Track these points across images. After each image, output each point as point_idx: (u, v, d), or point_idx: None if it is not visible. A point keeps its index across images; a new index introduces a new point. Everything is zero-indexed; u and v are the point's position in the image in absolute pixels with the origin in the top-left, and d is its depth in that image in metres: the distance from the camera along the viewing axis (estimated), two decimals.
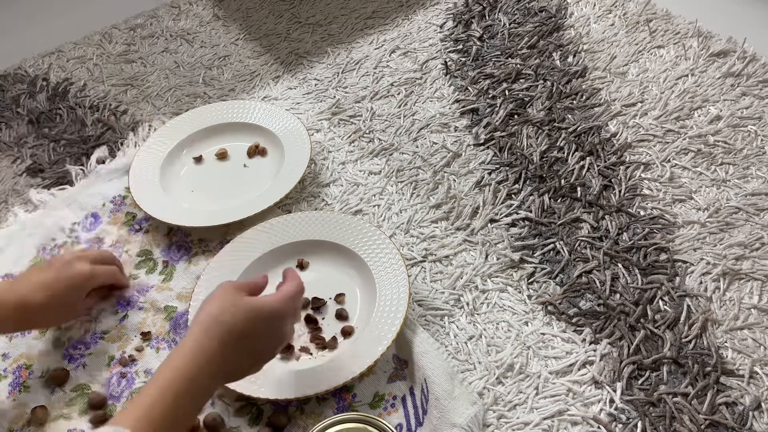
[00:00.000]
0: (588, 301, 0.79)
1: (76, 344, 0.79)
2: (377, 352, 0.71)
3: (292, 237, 0.85)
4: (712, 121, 0.97)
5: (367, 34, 1.20)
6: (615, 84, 1.05)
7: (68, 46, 1.24)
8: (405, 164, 0.97)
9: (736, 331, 0.75)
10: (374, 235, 0.83)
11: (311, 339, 0.76)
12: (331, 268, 0.83)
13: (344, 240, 0.83)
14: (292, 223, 0.86)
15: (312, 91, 1.11)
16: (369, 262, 0.80)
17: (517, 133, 0.99)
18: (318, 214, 0.87)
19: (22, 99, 1.14)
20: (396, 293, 0.77)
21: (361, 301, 0.79)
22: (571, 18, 1.18)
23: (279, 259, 0.84)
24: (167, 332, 0.80)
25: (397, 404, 0.71)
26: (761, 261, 0.81)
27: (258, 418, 0.71)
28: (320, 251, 0.84)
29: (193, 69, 1.18)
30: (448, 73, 1.11)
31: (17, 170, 1.03)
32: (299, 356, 0.75)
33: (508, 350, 0.75)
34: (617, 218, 0.87)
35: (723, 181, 0.90)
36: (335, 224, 0.85)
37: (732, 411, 0.69)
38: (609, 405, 0.70)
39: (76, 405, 0.74)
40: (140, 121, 1.08)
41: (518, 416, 0.70)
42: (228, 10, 1.30)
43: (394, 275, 0.78)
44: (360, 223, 0.84)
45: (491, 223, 0.88)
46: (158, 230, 0.91)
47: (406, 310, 0.75)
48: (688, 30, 1.11)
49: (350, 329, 0.77)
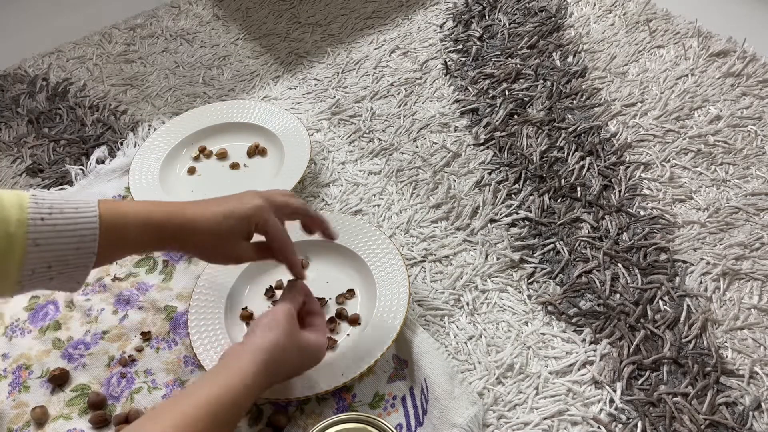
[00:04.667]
0: (588, 301, 0.79)
1: (76, 344, 0.79)
2: (377, 352, 0.71)
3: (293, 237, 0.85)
4: (712, 121, 0.97)
5: (367, 34, 1.20)
6: (615, 84, 1.05)
7: (68, 46, 1.24)
8: (405, 164, 0.97)
9: (736, 331, 0.75)
10: (374, 235, 0.83)
11: None
12: (331, 268, 0.83)
13: (344, 240, 0.83)
14: (291, 223, 0.86)
15: (312, 91, 1.11)
16: (369, 262, 0.80)
17: (517, 133, 0.99)
18: None
19: (21, 99, 1.14)
20: (396, 293, 0.77)
21: (361, 301, 0.79)
22: (571, 18, 1.18)
23: None
24: (167, 332, 0.80)
25: (397, 404, 0.71)
26: (761, 261, 0.81)
27: (258, 418, 0.71)
28: (320, 251, 0.84)
29: (192, 69, 1.18)
30: (448, 73, 1.11)
31: (17, 170, 1.03)
32: None
33: (508, 350, 0.75)
34: (617, 218, 0.87)
35: (723, 181, 0.90)
36: (335, 224, 0.85)
37: (732, 411, 0.69)
38: (609, 405, 0.70)
39: (76, 405, 0.74)
40: (140, 121, 1.08)
41: (518, 416, 0.70)
42: (228, 10, 1.30)
43: (394, 275, 0.78)
44: (360, 223, 0.84)
45: (491, 223, 0.88)
46: None
47: (406, 310, 0.75)
48: (688, 30, 1.11)
49: (356, 317, 0.77)
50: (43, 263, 0.55)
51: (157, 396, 0.74)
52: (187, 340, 0.78)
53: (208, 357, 0.74)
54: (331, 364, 0.72)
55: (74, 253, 0.56)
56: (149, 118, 1.08)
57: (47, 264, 0.55)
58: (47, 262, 0.55)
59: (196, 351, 0.74)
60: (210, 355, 0.74)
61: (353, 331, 0.77)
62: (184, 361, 0.77)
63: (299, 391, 0.70)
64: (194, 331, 0.76)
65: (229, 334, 0.76)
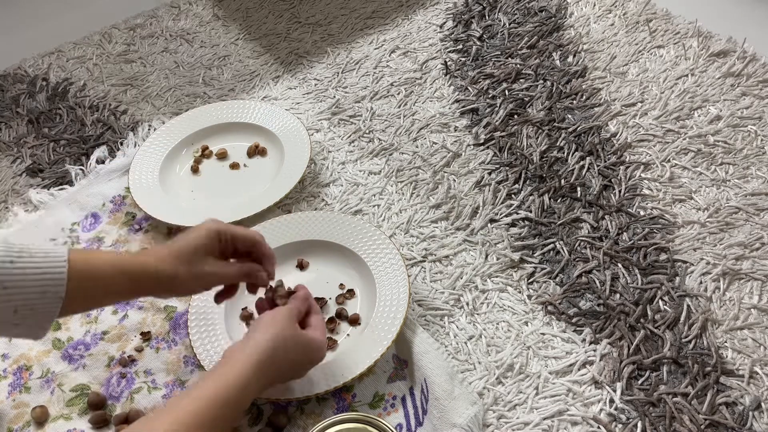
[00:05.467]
0: (588, 301, 0.79)
1: (76, 344, 0.79)
2: (377, 352, 0.71)
3: (292, 237, 0.85)
4: (712, 121, 0.97)
5: (367, 34, 1.20)
6: (615, 84, 1.05)
7: (68, 46, 1.24)
8: (405, 164, 0.97)
9: (736, 331, 0.75)
10: (374, 235, 0.83)
11: None
12: (331, 268, 0.83)
13: (344, 240, 0.83)
14: (291, 223, 0.86)
15: (312, 91, 1.11)
16: (369, 262, 0.80)
17: (517, 133, 0.99)
18: (318, 214, 0.87)
19: (21, 99, 1.14)
20: (396, 293, 0.77)
21: (361, 301, 0.79)
22: (571, 18, 1.18)
23: (279, 259, 0.83)
24: (167, 332, 0.80)
25: (397, 404, 0.71)
26: (761, 261, 0.81)
27: (258, 418, 0.71)
28: (320, 251, 0.84)
29: (192, 69, 1.18)
30: (448, 73, 1.11)
31: (17, 170, 1.03)
32: None
33: (508, 350, 0.75)
34: (617, 218, 0.87)
35: (723, 181, 0.90)
36: (335, 224, 0.85)
37: (732, 411, 0.69)
38: (609, 405, 0.70)
39: (76, 405, 0.74)
40: (140, 121, 1.08)
41: (518, 416, 0.70)
42: (228, 10, 1.30)
43: (394, 275, 0.78)
44: (360, 223, 0.84)
45: (491, 223, 0.88)
46: (158, 230, 0.91)
47: (406, 310, 0.75)
48: (688, 30, 1.11)
49: (356, 317, 0.77)
50: (10, 307, 0.55)
51: (157, 396, 0.74)
52: (187, 340, 0.78)
53: (208, 357, 0.74)
54: (331, 364, 0.72)
55: (40, 298, 0.56)
56: (149, 118, 1.08)
57: (13, 308, 0.55)
58: (14, 306, 0.55)
59: (196, 351, 0.74)
60: (210, 355, 0.74)
61: (353, 331, 0.77)
62: (184, 361, 0.77)
63: (299, 392, 0.70)
64: (194, 331, 0.76)
65: (229, 334, 0.76)
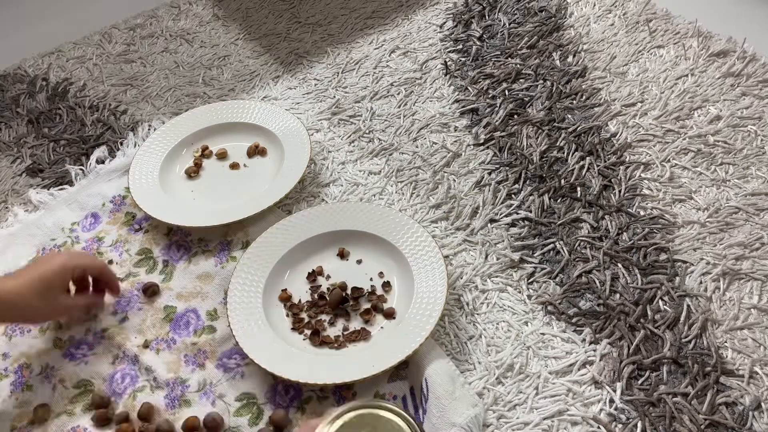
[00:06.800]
0: (588, 301, 0.79)
1: (78, 344, 0.79)
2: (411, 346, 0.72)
3: (335, 226, 0.86)
4: (712, 121, 0.97)
5: (367, 34, 1.20)
6: (615, 84, 1.05)
7: (68, 46, 1.24)
8: (405, 164, 0.97)
9: (736, 331, 0.75)
10: (412, 228, 0.83)
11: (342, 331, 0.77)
12: (370, 260, 0.84)
13: (383, 232, 0.84)
14: (336, 212, 0.87)
15: (312, 91, 1.11)
16: (409, 258, 0.81)
17: (517, 133, 0.99)
18: (363, 205, 0.88)
19: (21, 99, 1.14)
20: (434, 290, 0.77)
21: (398, 294, 0.80)
22: (571, 18, 1.18)
23: (320, 247, 0.85)
24: (167, 332, 0.80)
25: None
26: (761, 261, 0.81)
27: (258, 418, 0.71)
28: (360, 241, 0.85)
29: (192, 69, 1.18)
30: (447, 73, 1.11)
31: (17, 170, 1.03)
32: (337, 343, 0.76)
33: (508, 350, 0.75)
34: (617, 218, 0.87)
35: (723, 181, 0.90)
36: (376, 215, 0.86)
37: (732, 411, 0.69)
38: (609, 405, 0.70)
39: (79, 402, 0.74)
40: (140, 121, 1.08)
41: (518, 416, 0.70)
42: (228, 10, 1.30)
43: (433, 272, 0.79)
44: (404, 218, 0.85)
45: (491, 223, 0.89)
46: (158, 230, 0.91)
47: (442, 307, 0.75)
48: (688, 30, 1.11)
49: (392, 311, 0.78)
50: None
51: (159, 395, 0.74)
52: (187, 339, 0.78)
53: (243, 333, 0.75)
54: (362, 354, 0.73)
55: None
56: (149, 118, 1.08)
57: None
58: None
59: (232, 327, 0.76)
60: (246, 332, 0.76)
61: (388, 324, 0.77)
62: (185, 361, 0.77)
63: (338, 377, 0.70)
64: (233, 308, 0.78)
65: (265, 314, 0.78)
